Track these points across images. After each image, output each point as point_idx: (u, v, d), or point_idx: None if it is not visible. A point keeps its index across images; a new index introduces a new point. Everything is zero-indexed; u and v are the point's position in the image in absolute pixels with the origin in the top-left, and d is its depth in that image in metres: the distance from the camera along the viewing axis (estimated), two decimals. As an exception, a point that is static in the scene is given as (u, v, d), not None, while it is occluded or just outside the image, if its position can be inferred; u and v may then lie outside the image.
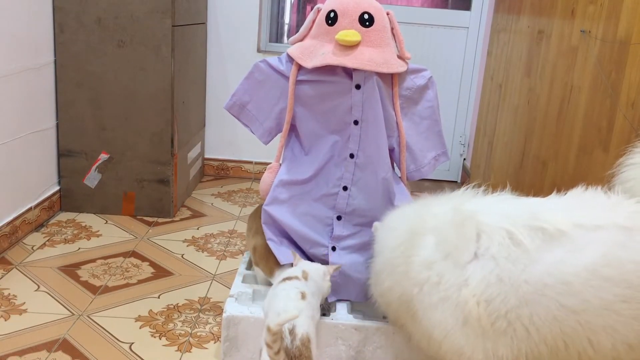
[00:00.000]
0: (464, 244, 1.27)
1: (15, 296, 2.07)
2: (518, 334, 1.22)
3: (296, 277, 1.54)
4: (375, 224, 1.56)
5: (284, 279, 1.54)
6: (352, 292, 1.76)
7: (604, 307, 1.16)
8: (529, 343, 1.22)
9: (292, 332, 1.33)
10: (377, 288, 1.47)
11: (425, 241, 1.34)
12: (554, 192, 1.41)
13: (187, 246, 2.60)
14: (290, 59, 1.74)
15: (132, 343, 1.84)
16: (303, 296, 1.48)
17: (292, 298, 1.46)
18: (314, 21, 1.73)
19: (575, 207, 1.27)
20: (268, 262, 1.75)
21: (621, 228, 1.19)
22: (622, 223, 1.20)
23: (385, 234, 1.48)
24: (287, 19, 3.88)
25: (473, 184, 1.46)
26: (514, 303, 1.21)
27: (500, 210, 1.31)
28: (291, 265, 1.67)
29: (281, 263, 1.71)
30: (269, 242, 1.75)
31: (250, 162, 3.70)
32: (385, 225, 1.50)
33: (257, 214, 1.91)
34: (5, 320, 1.92)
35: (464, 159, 3.86)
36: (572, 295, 1.17)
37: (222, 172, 3.71)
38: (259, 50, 3.56)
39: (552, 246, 1.21)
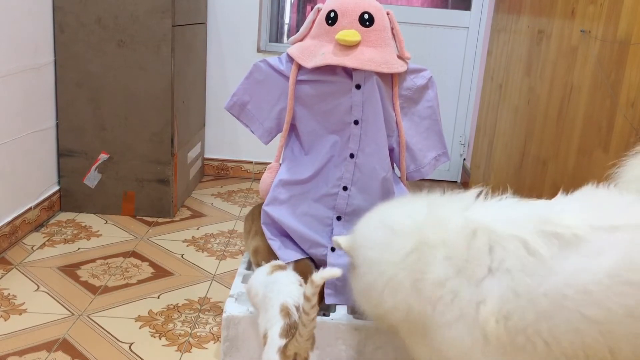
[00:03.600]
0: (477, 258, 1.20)
1: (15, 296, 2.07)
2: (538, 349, 1.16)
3: (288, 266, 1.61)
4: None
5: (277, 267, 1.57)
6: (351, 296, 1.75)
7: (627, 314, 1.10)
8: (548, 357, 1.16)
9: (298, 309, 1.37)
10: (376, 309, 1.36)
11: (435, 256, 1.24)
12: (556, 192, 1.34)
13: (187, 246, 2.60)
14: (290, 59, 1.73)
15: (132, 343, 1.84)
16: (301, 284, 1.52)
17: (293, 282, 1.50)
18: (314, 21, 1.73)
19: (588, 208, 1.20)
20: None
21: (638, 228, 1.12)
22: (636, 222, 1.13)
23: (379, 240, 1.35)
24: (287, 19, 3.88)
25: (476, 187, 1.37)
26: (533, 318, 1.14)
27: (509, 216, 1.22)
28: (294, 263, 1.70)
29: (284, 262, 1.71)
30: (270, 242, 1.75)
31: (250, 162, 3.70)
32: (379, 225, 1.38)
33: (253, 215, 1.91)
34: (5, 321, 1.92)
35: (464, 159, 3.86)
36: (594, 305, 1.11)
37: (222, 172, 3.71)
38: (259, 50, 3.56)
39: (569, 253, 1.14)
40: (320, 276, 1.28)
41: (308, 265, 1.75)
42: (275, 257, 1.74)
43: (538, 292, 1.14)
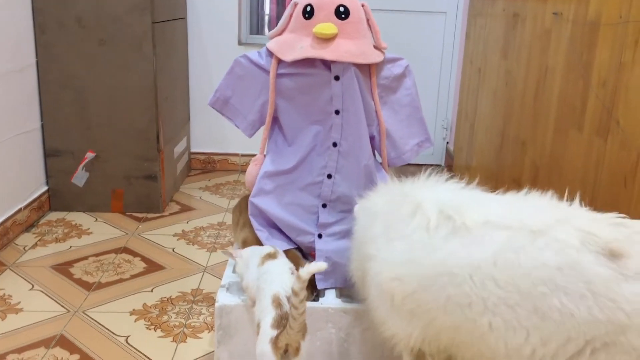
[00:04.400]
0: (399, 224, 1.31)
1: (11, 296, 2.11)
2: (421, 319, 1.24)
3: (279, 253, 1.64)
4: (357, 207, 1.60)
5: (269, 256, 1.61)
6: (340, 279, 1.81)
7: (487, 306, 1.14)
8: (429, 330, 1.24)
9: (289, 299, 1.40)
10: (356, 272, 1.55)
11: (377, 219, 1.40)
12: (535, 172, 1.42)
13: (178, 240, 2.64)
14: (270, 53, 1.77)
15: (128, 336, 1.89)
16: (292, 272, 1.56)
17: (285, 271, 1.54)
18: (291, 15, 1.77)
19: (502, 206, 1.25)
20: None
21: (529, 232, 1.15)
22: (533, 226, 1.15)
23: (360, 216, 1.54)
24: (267, 10, 3.90)
25: (431, 170, 1.47)
26: (416, 286, 1.23)
27: (438, 196, 1.32)
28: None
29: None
30: (257, 233, 1.80)
31: (237, 155, 3.73)
32: (363, 209, 1.55)
33: (241, 207, 1.95)
34: (2, 320, 1.96)
35: (447, 143, 3.93)
36: (456, 287, 1.17)
37: (209, 165, 3.75)
38: (240, 43, 3.58)
39: (453, 237, 1.22)
40: (306, 271, 1.32)
41: (296, 255, 1.80)
42: None
43: (422, 263, 1.23)
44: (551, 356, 1.10)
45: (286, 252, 1.77)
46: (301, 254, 1.82)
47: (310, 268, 1.33)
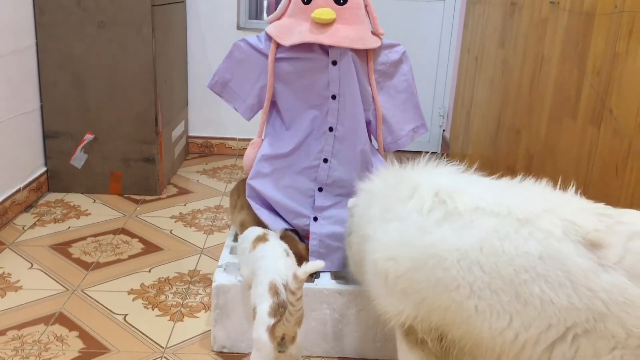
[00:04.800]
0: (397, 205, 1.35)
1: (10, 274, 2.14)
2: (413, 298, 1.28)
3: (273, 235, 1.67)
4: (351, 200, 1.61)
5: (259, 239, 1.63)
6: (335, 262, 1.84)
7: (473, 290, 1.18)
8: (421, 309, 1.28)
9: (286, 286, 1.42)
10: (354, 264, 1.59)
11: (375, 200, 1.43)
12: (530, 159, 1.44)
13: (175, 222, 2.67)
14: (269, 38, 1.79)
15: (126, 314, 1.92)
16: (287, 254, 1.58)
17: (279, 256, 1.55)
18: (290, 0, 1.78)
19: (494, 192, 1.28)
20: None
21: (516, 220, 1.18)
22: (519, 215, 1.18)
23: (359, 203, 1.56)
24: (266, -5, 3.90)
25: (429, 155, 1.50)
26: (408, 266, 1.27)
27: (435, 180, 1.35)
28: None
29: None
30: (257, 212, 1.83)
31: (234, 139, 3.75)
32: (363, 191, 1.58)
33: (238, 189, 1.98)
34: (2, 297, 1.99)
35: (444, 130, 3.95)
36: (444, 271, 1.21)
37: (206, 149, 3.77)
38: (238, 28, 3.59)
39: (445, 221, 1.25)
40: (303, 271, 1.34)
41: (292, 237, 1.83)
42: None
43: (415, 245, 1.27)
44: (534, 341, 1.13)
45: (282, 233, 1.81)
46: (297, 236, 1.85)
47: (308, 268, 1.35)
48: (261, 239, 1.64)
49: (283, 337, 1.40)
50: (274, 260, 1.55)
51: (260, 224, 1.83)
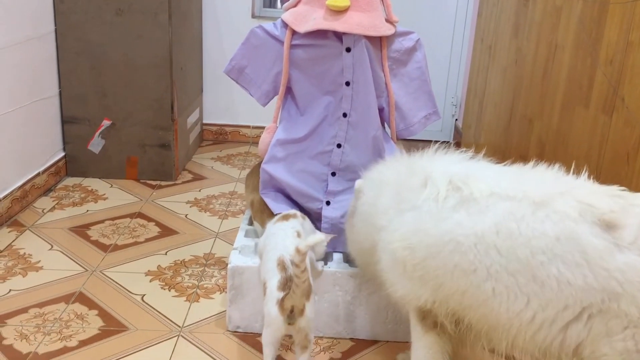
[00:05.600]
0: (410, 194, 1.37)
1: (31, 255, 2.20)
2: (430, 284, 1.31)
3: (294, 216, 1.69)
4: (358, 182, 1.63)
5: (281, 218, 1.67)
6: (345, 244, 1.88)
7: (490, 273, 1.20)
8: (438, 294, 1.30)
9: (293, 262, 1.46)
10: (355, 246, 1.62)
11: (387, 190, 1.45)
12: (542, 148, 1.44)
13: (190, 207, 2.72)
14: (285, 25, 1.82)
15: (144, 295, 1.98)
16: (298, 234, 1.62)
17: (289, 235, 1.59)
18: (306, -13, 1.81)
19: (508, 177, 1.30)
20: (262, 215, 1.87)
21: (532, 203, 1.19)
22: (535, 198, 1.20)
23: (365, 191, 1.58)
24: (280, -16, 3.92)
25: (439, 144, 1.52)
26: (425, 254, 1.29)
27: (447, 168, 1.37)
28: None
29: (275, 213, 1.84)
30: (263, 196, 1.88)
31: (248, 127, 3.79)
32: (366, 181, 1.60)
33: (254, 172, 2.02)
34: (23, 277, 2.05)
35: (456, 119, 3.96)
36: (461, 255, 1.23)
37: (220, 136, 3.81)
38: (253, 16, 3.61)
39: (460, 207, 1.27)
40: (305, 244, 1.39)
41: None
42: (268, 210, 1.86)
43: (430, 233, 1.29)
44: (550, 321, 1.16)
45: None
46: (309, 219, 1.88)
47: (309, 241, 1.40)
48: (284, 217, 1.69)
49: (292, 310, 1.45)
50: (283, 238, 1.60)
51: (266, 205, 1.89)
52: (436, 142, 1.53)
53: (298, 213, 1.73)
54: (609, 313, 1.11)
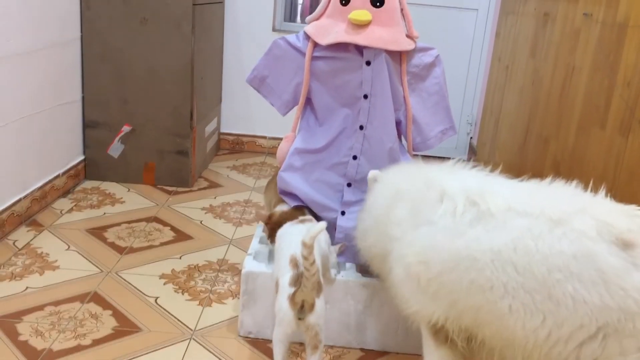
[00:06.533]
0: (426, 208, 1.37)
1: (48, 254, 2.24)
2: (444, 300, 1.30)
3: (310, 221, 1.73)
4: (372, 172, 1.66)
5: (300, 221, 1.70)
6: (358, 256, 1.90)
7: (507, 290, 1.19)
8: (452, 310, 1.30)
9: (302, 255, 1.48)
10: (363, 242, 1.63)
11: (403, 202, 1.45)
12: (557, 168, 1.44)
13: (205, 213, 2.75)
14: (307, 37, 1.86)
15: (158, 297, 2.01)
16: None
17: (302, 234, 1.61)
18: (329, 1, 1.85)
19: (525, 193, 1.30)
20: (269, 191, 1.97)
21: (548, 220, 1.19)
22: (553, 215, 1.19)
23: (378, 189, 1.61)
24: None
25: (457, 159, 1.53)
26: (440, 269, 1.29)
27: (464, 184, 1.37)
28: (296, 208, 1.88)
29: (289, 204, 1.90)
30: (281, 195, 1.93)
31: (265, 137, 3.83)
32: (381, 180, 1.62)
33: (273, 178, 2.06)
34: (40, 275, 2.09)
35: (471, 137, 3.98)
36: (477, 272, 1.22)
37: (237, 146, 3.85)
38: (274, 29, 3.67)
39: (477, 222, 1.26)
40: (310, 236, 1.42)
41: (303, 212, 1.90)
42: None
43: (447, 248, 1.29)
44: (565, 339, 1.15)
45: (296, 208, 1.89)
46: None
47: (312, 232, 1.42)
48: (302, 221, 1.72)
49: (302, 305, 1.47)
50: (296, 236, 1.62)
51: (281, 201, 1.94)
52: (453, 159, 1.53)
53: (314, 220, 1.75)
54: (624, 332, 1.10)
